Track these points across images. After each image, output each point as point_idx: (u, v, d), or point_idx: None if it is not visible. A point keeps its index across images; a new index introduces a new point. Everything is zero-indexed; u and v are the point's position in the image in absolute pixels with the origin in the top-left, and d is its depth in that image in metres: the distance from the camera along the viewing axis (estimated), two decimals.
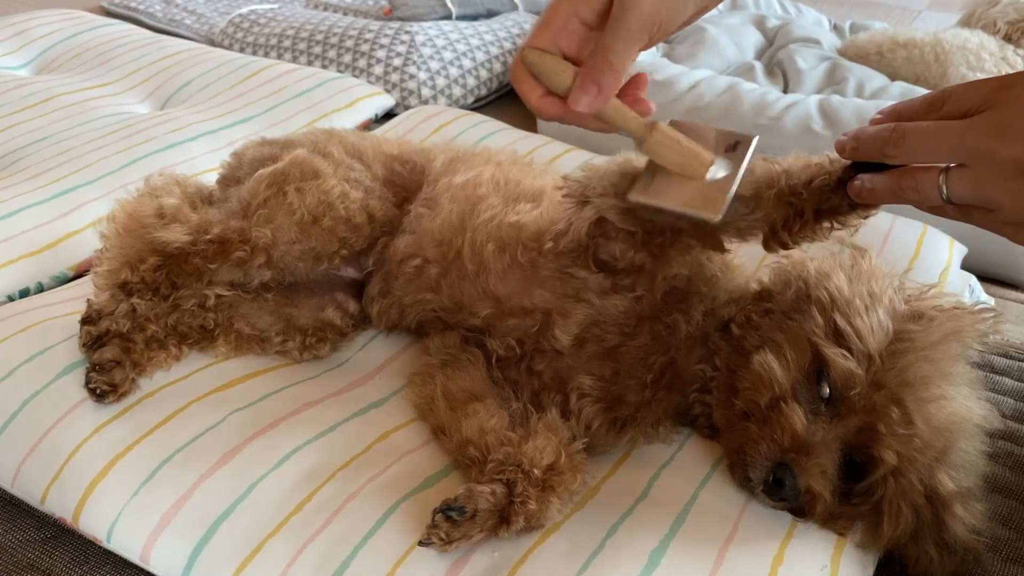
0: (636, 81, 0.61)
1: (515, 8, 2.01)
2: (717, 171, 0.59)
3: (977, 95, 0.53)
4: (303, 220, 0.76)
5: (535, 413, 0.69)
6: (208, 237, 0.75)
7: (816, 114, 1.34)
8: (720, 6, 2.04)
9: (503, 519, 0.61)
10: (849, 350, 0.62)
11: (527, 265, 0.73)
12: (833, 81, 1.61)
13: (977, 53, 1.61)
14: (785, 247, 0.64)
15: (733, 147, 0.61)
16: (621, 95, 0.60)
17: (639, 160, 0.66)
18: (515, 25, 1.88)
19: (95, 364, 0.71)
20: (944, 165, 0.54)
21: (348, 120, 1.38)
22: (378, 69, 1.63)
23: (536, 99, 0.60)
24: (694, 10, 0.58)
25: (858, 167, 0.60)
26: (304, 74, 1.43)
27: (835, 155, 0.62)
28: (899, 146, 0.55)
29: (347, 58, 1.67)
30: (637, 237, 0.67)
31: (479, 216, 0.76)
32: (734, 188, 0.58)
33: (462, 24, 1.82)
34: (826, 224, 0.63)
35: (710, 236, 0.66)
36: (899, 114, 0.58)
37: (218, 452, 0.68)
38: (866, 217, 0.63)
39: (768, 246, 0.65)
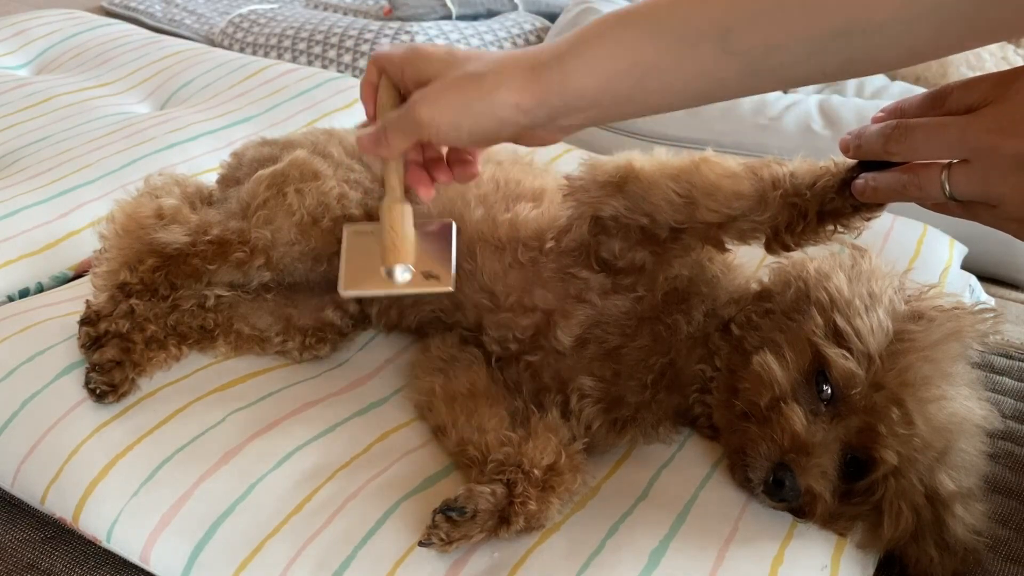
0: (455, 167, 0.66)
1: (515, 8, 2.01)
2: (400, 276, 0.65)
3: (979, 90, 0.53)
4: (303, 221, 0.76)
5: (535, 413, 0.69)
6: (207, 238, 0.75)
7: (816, 114, 1.34)
8: None
9: (503, 519, 0.61)
10: (849, 350, 0.62)
11: (528, 264, 0.73)
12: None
13: (977, 53, 1.61)
14: (787, 249, 0.64)
15: (431, 277, 0.66)
16: (442, 163, 0.66)
17: (639, 159, 0.66)
18: (515, 25, 1.88)
19: (95, 364, 0.71)
20: (947, 161, 0.54)
21: (348, 120, 1.37)
22: None
23: (368, 115, 0.67)
24: (468, 143, 0.62)
25: (862, 168, 0.60)
26: (304, 74, 1.43)
27: (840, 158, 0.62)
28: (901, 143, 0.55)
29: (347, 58, 1.67)
30: (633, 235, 0.67)
31: (479, 214, 0.76)
32: (372, 293, 0.69)
33: (462, 24, 1.82)
34: (829, 227, 0.63)
35: (712, 236, 0.66)
36: (902, 111, 0.58)
37: (218, 452, 0.68)
38: (869, 219, 0.63)
39: (771, 248, 0.65)
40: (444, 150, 0.67)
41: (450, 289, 0.65)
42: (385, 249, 0.65)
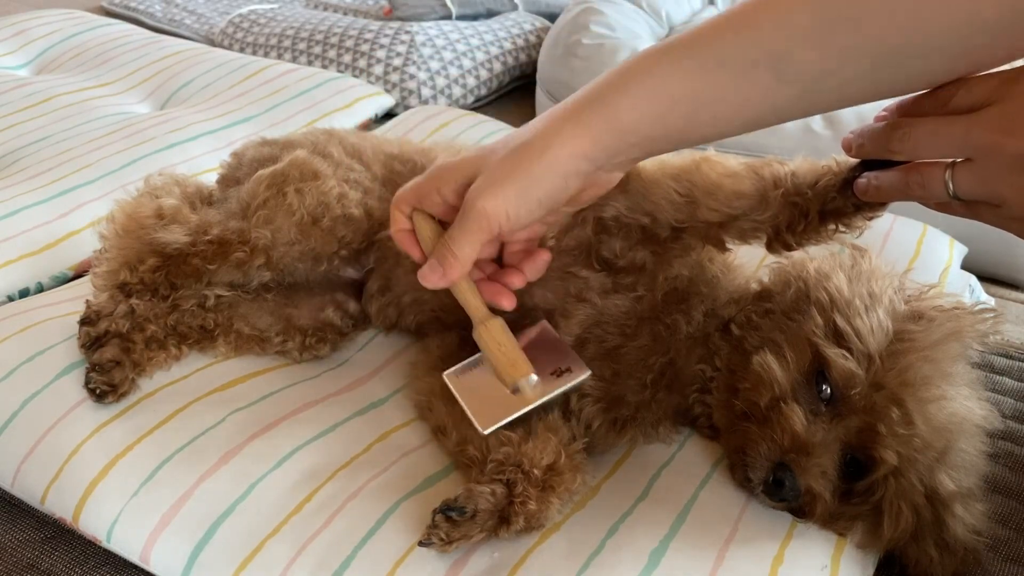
0: (525, 264, 0.63)
1: (515, 8, 2.01)
2: (531, 387, 0.62)
3: (983, 89, 0.53)
4: (302, 221, 0.76)
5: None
6: (207, 238, 0.75)
7: None
8: (722, 6, 2.05)
9: (503, 519, 0.61)
10: (849, 350, 0.62)
11: None
12: None
13: None
14: (789, 249, 0.64)
15: (564, 372, 0.63)
16: (498, 274, 0.64)
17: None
18: (515, 25, 1.88)
19: (95, 364, 0.71)
20: (950, 160, 0.54)
21: (348, 120, 1.38)
22: (378, 69, 1.64)
23: (417, 258, 0.63)
24: (540, 214, 0.58)
25: (865, 167, 0.60)
26: (304, 74, 1.43)
27: (842, 158, 0.62)
28: (904, 141, 0.55)
29: (347, 58, 1.67)
30: (634, 235, 0.67)
31: None
32: (516, 415, 0.62)
33: (462, 24, 1.82)
34: (831, 226, 0.63)
35: (713, 235, 0.66)
36: (904, 110, 0.58)
37: (218, 452, 0.68)
38: (870, 218, 0.63)
39: (772, 248, 0.65)
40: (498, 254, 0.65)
41: (588, 373, 0.63)
42: (502, 369, 0.62)
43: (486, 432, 0.61)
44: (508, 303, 0.63)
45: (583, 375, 0.63)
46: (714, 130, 0.55)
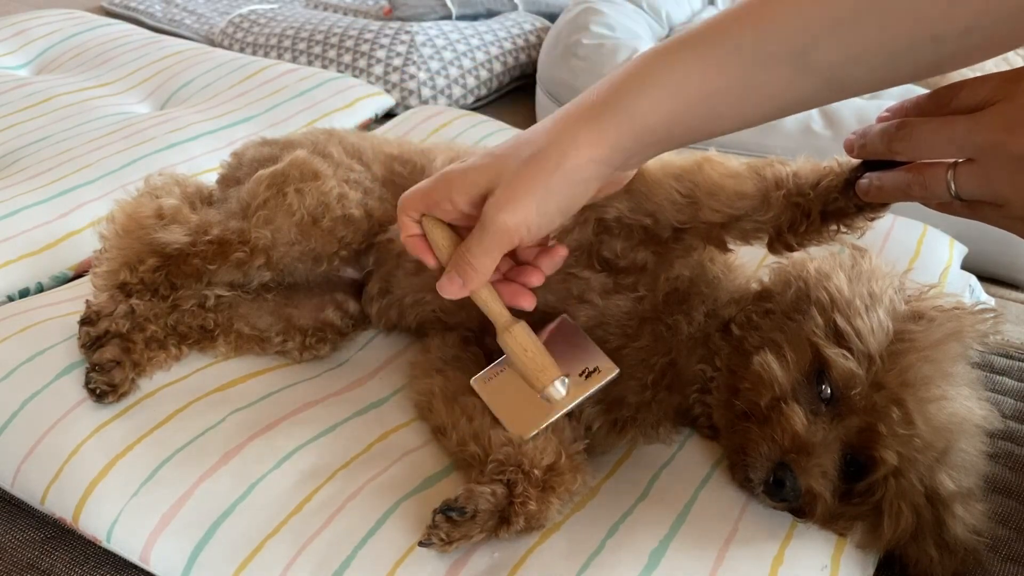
0: (541, 261, 0.63)
1: (515, 8, 2.01)
2: (561, 390, 0.62)
3: (985, 89, 0.52)
4: (302, 221, 0.76)
5: None
6: (207, 238, 0.75)
7: (816, 114, 1.34)
8: (722, 5, 2.05)
9: (503, 520, 0.61)
10: (849, 350, 0.62)
11: None
12: None
13: None
14: (790, 249, 0.64)
15: (592, 372, 0.64)
16: (515, 273, 0.63)
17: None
18: (515, 25, 1.88)
19: (95, 364, 0.71)
20: (952, 161, 0.54)
21: (348, 120, 1.38)
22: (378, 69, 1.64)
23: (432, 265, 0.62)
24: (560, 222, 0.58)
25: (867, 167, 0.60)
26: (304, 74, 1.43)
27: (844, 158, 0.62)
28: (906, 141, 0.55)
29: (347, 58, 1.67)
30: (635, 235, 0.67)
31: None
32: (553, 419, 0.62)
33: (462, 24, 1.82)
34: (833, 227, 0.63)
35: (715, 236, 0.66)
36: (906, 110, 0.58)
37: (218, 452, 0.68)
38: (872, 219, 0.63)
39: (773, 248, 0.65)
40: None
41: (616, 371, 0.63)
42: (531, 375, 0.62)
43: (527, 438, 0.62)
44: (528, 303, 0.63)
45: (612, 373, 0.63)
46: (733, 124, 0.54)
